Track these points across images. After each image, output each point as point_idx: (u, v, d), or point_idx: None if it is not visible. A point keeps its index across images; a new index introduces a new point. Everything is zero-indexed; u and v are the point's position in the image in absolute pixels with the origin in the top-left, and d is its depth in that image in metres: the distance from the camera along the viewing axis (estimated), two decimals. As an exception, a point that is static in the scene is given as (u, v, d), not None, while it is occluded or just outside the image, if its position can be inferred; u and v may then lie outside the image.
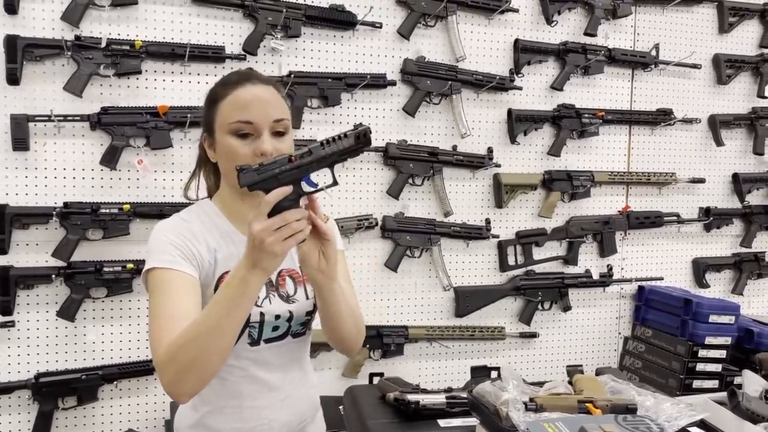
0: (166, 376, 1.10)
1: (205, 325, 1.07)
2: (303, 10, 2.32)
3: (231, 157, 1.21)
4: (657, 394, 1.23)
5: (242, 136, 1.20)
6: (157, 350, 1.12)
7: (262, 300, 1.26)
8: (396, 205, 2.52)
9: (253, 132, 1.20)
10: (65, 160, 2.15)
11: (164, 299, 1.16)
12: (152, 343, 1.14)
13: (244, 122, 1.19)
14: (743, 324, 2.54)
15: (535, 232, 2.72)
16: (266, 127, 1.20)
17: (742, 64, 2.99)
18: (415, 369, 2.60)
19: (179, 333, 1.09)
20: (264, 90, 1.23)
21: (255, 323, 1.25)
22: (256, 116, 1.20)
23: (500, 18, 2.63)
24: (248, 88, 1.22)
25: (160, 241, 1.21)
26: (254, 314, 1.24)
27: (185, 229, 1.24)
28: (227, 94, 1.23)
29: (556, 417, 1.07)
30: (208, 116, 1.27)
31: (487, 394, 1.16)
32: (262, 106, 1.21)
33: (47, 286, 2.14)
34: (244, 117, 1.19)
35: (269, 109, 1.21)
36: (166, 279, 1.17)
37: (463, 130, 2.57)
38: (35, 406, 2.12)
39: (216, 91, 1.26)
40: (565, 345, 2.84)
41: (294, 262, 1.33)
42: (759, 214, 3.05)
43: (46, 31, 2.10)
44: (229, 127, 1.20)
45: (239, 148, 1.20)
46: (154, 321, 1.16)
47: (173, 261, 1.18)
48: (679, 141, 2.96)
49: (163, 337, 1.11)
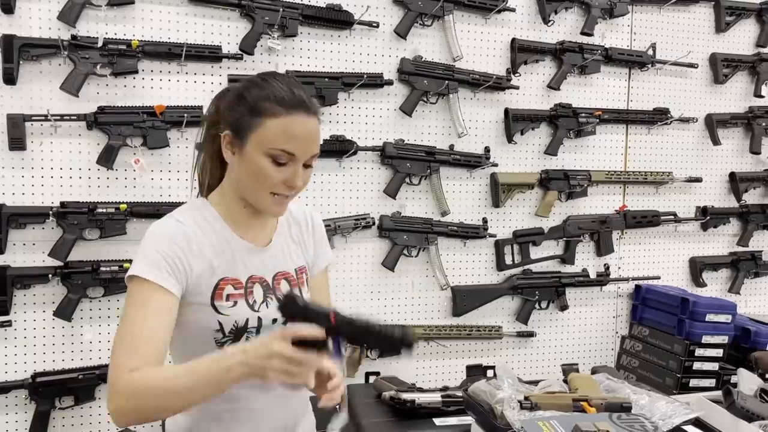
0: (115, 404, 1.08)
1: (175, 386, 1.06)
2: (300, 10, 2.32)
3: (260, 178, 1.19)
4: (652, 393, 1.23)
5: (279, 163, 1.17)
6: (117, 372, 1.10)
7: (259, 305, 1.25)
8: (393, 205, 2.53)
9: (289, 162, 1.18)
10: (62, 160, 2.15)
11: (140, 316, 1.13)
12: (114, 358, 1.12)
13: (288, 153, 1.17)
14: (740, 323, 2.54)
15: (532, 232, 2.72)
16: (302, 159, 1.19)
17: (739, 64, 3.00)
18: (412, 368, 2.60)
19: (148, 376, 1.07)
20: (313, 124, 1.20)
21: (253, 328, 1.24)
22: (300, 151, 1.17)
23: (497, 17, 2.64)
24: (302, 120, 1.18)
25: (152, 249, 1.17)
26: (252, 319, 1.23)
27: (180, 236, 1.19)
28: (279, 114, 1.16)
29: (550, 415, 1.07)
30: (245, 121, 1.19)
31: (482, 392, 1.16)
32: (307, 141, 1.19)
33: (44, 286, 2.14)
34: (289, 148, 1.17)
35: (312, 145, 1.20)
36: (147, 295, 1.14)
37: (460, 130, 2.57)
38: (32, 406, 2.12)
39: (266, 104, 1.17)
40: (562, 344, 2.84)
41: (289, 264, 1.33)
42: (756, 213, 3.05)
43: (43, 31, 2.10)
44: (270, 151, 1.16)
45: (272, 173, 1.18)
46: (123, 337, 1.13)
47: (159, 276, 1.15)
48: (676, 140, 2.96)
49: (126, 360, 1.10)
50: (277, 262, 1.31)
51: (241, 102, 1.20)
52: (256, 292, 1.25)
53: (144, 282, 1.14)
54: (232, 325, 1.22)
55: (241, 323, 1.22)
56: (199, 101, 2.27)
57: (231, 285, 1.23)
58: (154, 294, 1.14)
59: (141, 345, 1.11)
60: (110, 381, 1.10)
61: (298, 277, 1.34)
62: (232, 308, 1.22)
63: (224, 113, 1.24)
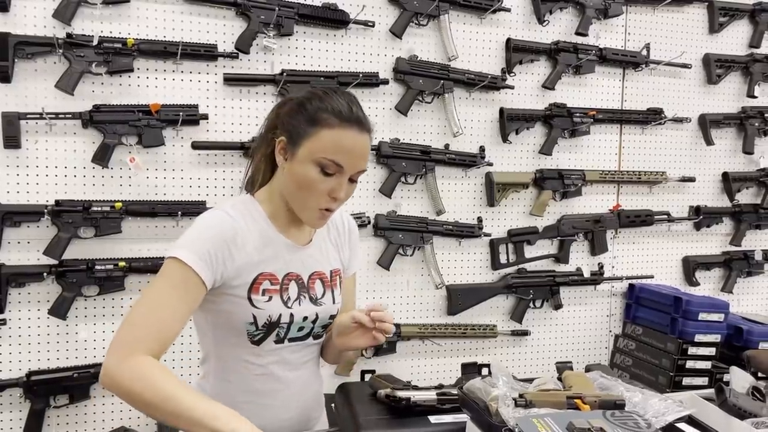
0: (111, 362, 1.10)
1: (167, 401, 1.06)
2: (296, 9, 2.33)
3: (306, 185, 1.24)
4: (645, 390, 1.24)
5: (326, 173, 1.22)
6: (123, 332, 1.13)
7: (293, 301, 1.31)
8: (388, 204, 2.53)
9: (336, 173, 1.23)
10: (57, 158, 2.15)
11: (168, 297, 1.16)
12: (128, 320, 1.14)
13: (336, 164, 1.22)
14: (733, 322, 2.56)
15: (526, 231, 2.73)
16: (349, 173, 1.24)
17: (732, 64, 3.01)
18: (407, 367, 2.61)
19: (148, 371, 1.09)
20: (365, 141, 1.25)
21: (284, 324, 1.30)
22: (348, 164, 1.23)
23: (492, 17, 2.65)
24: (354, 135, 1.23)
25: (200, 236, 1.21)
26: (285, 315, 1.29)
27: (228, 227, 1.23)
28: (334, 126, 1.22)
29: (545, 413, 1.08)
30: (301, 129, 1.24)
31: (477, 390, 1.17)
32: (356, 156, 1.24)
33: (39, 284, 2.14)
34: (338, 159, 1.22)
35: (360, 161, 1.25)
36: (181, 279, 1.17)
37: (455, 129, 2.58)
38: (27, 405, 2.11)
39: (323, 114, 1.23)
40: (556, 343, 2.85)
41: (325, 265, 1.39)
42: (748, 213, 3.07)
43: (38, 29, 2.10)
44: (320, 160, 1.21)
45: (319, 183, 1.23)
46: (146, 306, 1.16)
47: (200, 265, 1.18)
48: (670, 140, 2.98)
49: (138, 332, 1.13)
50: (314, 262, 1.37)
51: (301, 111, 1.26)
52: (291, 289, 1.31)
53: (181, 265, 1.17)
54: (266, 320, 1.27)
55: (274, 318, 1.28)
56: (195, 100, 2.27)
57: (268, 280, 1.28)
58: (188, 279, 1.17)
59: (155, 324, 1.14)
60: (118, 342, 1.12)
61: (332, 278, 1.40)
62: (266, 303, 1.27)
63: (283, 119, 1.30)
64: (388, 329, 1.29)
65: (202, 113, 2.26)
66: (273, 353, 1.31)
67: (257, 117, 2.35)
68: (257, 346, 1.29)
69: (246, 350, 1.29)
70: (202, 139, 2.27)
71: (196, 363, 2.32)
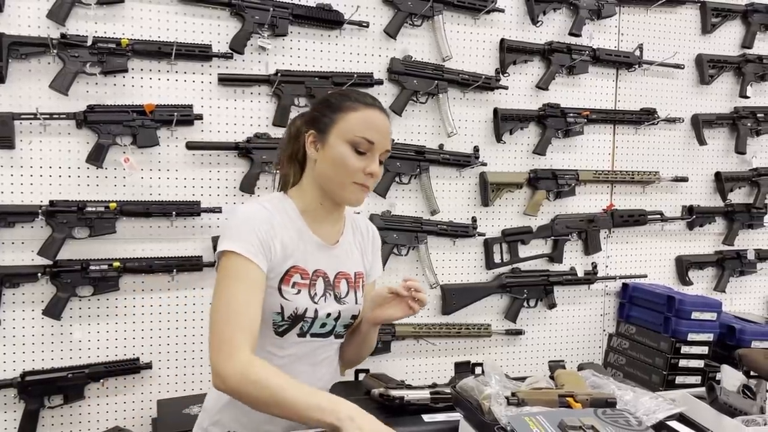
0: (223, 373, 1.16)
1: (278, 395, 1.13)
2: (290, 9, 2.33)
3: (341, 164, 1.31)
4: (636, 389, 1.25)
5: (358, 151, 1.31)
6: (219, 335, 1.19)
7: (319, 297, 1.35)
8: (383, 204, 2.54)
9: (368, 152, 1.32)
10: (51, 159, 2.15)
11: (238, 291, 1.22)
12: (216, 326, 1.20)
13: (368, 140, 1.31)
14: (725, 321, 2.58)
15: (520, 230, 2.74)
16: (379, 152, 1.33)
17: (725, 65, 3.03)
18: (402, 366, 2.61)
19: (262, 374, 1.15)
20: (387, 121, 1.36)
21: (309, 318, 1.34)
22: (379, 141, 1.32)
23: (486, 18, 2.65)
24: (379, 115, 1.34)
25: (245, 226, 1.26)
26: (310, 310, 1.33)
27: (267, 220, 1.29)
28: (359, 108, 1.32)
29: (537, 411, 1.08)
30: (326, 117, 1.33)
31: (469, 389, 1.18)
32: (385, 134, 1.34)
33: (33, 285, 2.14)
34: (369, 136, 1.31)
35: (387, 140, 1.35)
36: (245, 269, 1.23)
37: (449, 129, 2.59)
38: (21, 405, 2.11)
39: (345, 100, 1.34)
40: (550, 342, 2.86)
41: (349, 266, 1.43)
42: (741, 213, 3.08)
43: (32, 29, 2.10)
44: (353, 138, 1.30)
45: (353, 160, 1.31)
46: (225, 306, 1.21)
47: (253, 252, 1.24)
48: (663, 140, 2.99)
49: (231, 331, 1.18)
50: (340, 262, 1.41)
51: (326, 104, 1.36)
52: (318, 285, 1.35)
53: (237, 257, 1.23)
54: (292, 311, 1.31)
55: (300, 311, 1.32)
56: (189, 100, 2.27)
57: (299, 274, 1.33)
58: (250, 271, 1.24)
59: (242, 318, 1.20)
60: (221, 346, 1.18)
61: (356, 279, 1.44)
62: (295, 295, 1.32)
63: (308, 117, 1.39)
64: (423, 299, 1.37)
65: (197, 113, 2.26)
66: (295, 346, 1.35)
67: (252, 117, 2.35)
68: (281, 337, 1.33)
69: (269, 340, 1.33)
70: (196, 139, 2.28)
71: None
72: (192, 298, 2.32)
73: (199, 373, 2.34)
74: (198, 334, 2.34)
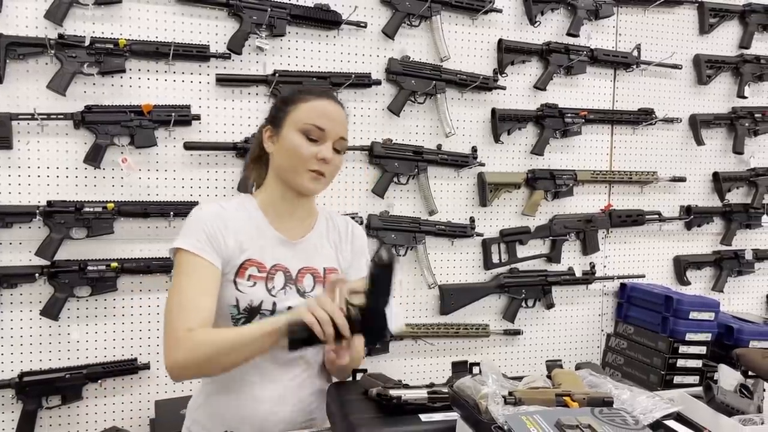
0: (170, 357, 1.24)
1: (225, 341, 1.22)
2: (288, 9, 2.33)
3: (294, 152, 1.34)
4: (633, 388, 1.25)
5: (311, 139, 1.34)
6: (170, 328, 1.25)
7: (277, 290, 1.35)
8: (381, 204, 2.54)
9: (320, 139, 1.34)
10: (49, 159, 2.14)
11: (187, 284, 1.28)
12: (167, 323, 1.27)
13: (318, 127, 1.34)
14: (723, 320, 2.57)
15: (518, 231, 2.75)
16: (332, 139, 1.35)
17: (722, 65, 3.03)
18: (400, 366, 2.61)
19: (206, 332, 1.23)
20: (339, 109, 1.39)
21: (266, 311, 1.34)
22: (330, 127, 1.35)
23: (484, 18, 2.66)
24: (331, 103, 1.38)
25: (195, 225, 1.32)
26: (267, 302, 1.34)
27: (219, 216, 1.34)
28: (309, 99, 1.37)
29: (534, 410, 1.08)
30: (279, 111, 1.39)
31: (467, 388, 1.17)
32: (336, 121, 1.36)
33: (31, 285, 2.14)
34: (319, 123, 1.34)
35: (339, 127, 1.37)
36: (193, 264, 1.29)
37: (447, 130, 2.59)
38: (19, 406, 2.11)
39: (296, 93, 1.40)
40: (548, 342, 2.86)
41: (317, 261, 1.42)
42: (739, 213, 3.09)
43: (30, 30, 2.10)
44: (303, 126, 1.34)
45: (305, 148, 1.33)
46: (175, 302, 1.27)
47: (202, 249, 1.29)
48: (661, 140, 3.00)
49: (178, 322, 1.24)
50: (305, 257, 1.41)
51: (280, 100, 1.42)
52: (277, 279, 1.36)
53: (185, 253, 1.29)
54: (247, 304, 1.33)
55: (255, 303, 1.33)
56: (187, 100, 2.27)
57: (255, 267, 1.35)
58: (200, 265, 1.29)
59: (190, 309, 1.25)
60: (168, 340, 1.26)
61: (325, 275, 1.42)
62: (250, 288, 1.34)
63: (267, 116, 1.44)
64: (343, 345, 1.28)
65: (195, 114, 2.26)
66: None
67: (249, 117, 2.35)
68: None
69: None
70: (194, 139, 2.28)
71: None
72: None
73: (197, 373, 2.34)
74: (196, 334, 2.33)
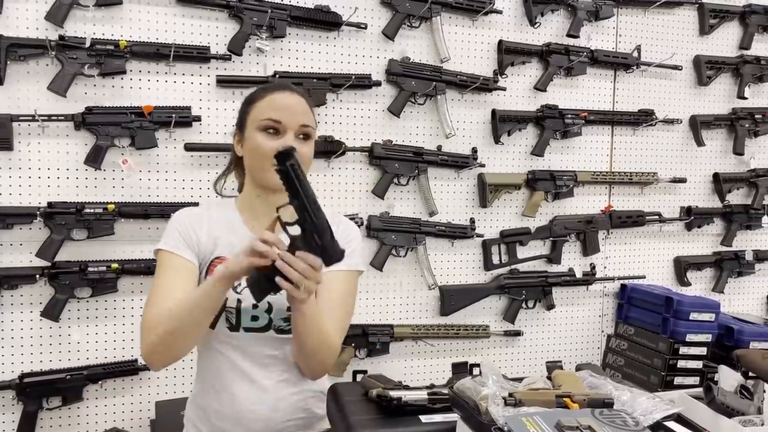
0: (143, 343, 1.30)
1: (182, 307, 1.25)
2: (288, 11, 2.33)
3: (256, 149, 1.36)
4: (633, 389, 1.25)
5: (270, 134, 1.36)
6: (143, 319, 1.30)
7: (242, 288, 1.33)
8: (381, 205, 2.54)
9: (280, 132, 1.36)
10: (49, 160, 2.15)
11: (163, 279, 1.34)
12: (144, 315, 1.32)
13: (274, 120, 1.35)
14: (724, 321, 2.57)
15: (519, 232, 2.74)
16: (292, 129, 1.36)
17: (723, 66, 3.03)
18: (400, 367, 2.61)
19: (164, 308, 1.27)
20: (296, 99, 1.39)
21: (231, 308, 1.35)
22: (286, 118, 1.35)
23: (484, 19, 2.66)
24: (283, 95, 1.39)
25: (171, 226, 1.40)
26: (231, 300, 1.35)
27: (194, 216, 1.42)
28: (264, 96, 1.39)
29: (534, 411, 1.08)
30: (242, 114, 1.42)
31: (467, 389, 1.17)
32: (292, 110, 1.37)
33: (31, 286, 2.14)
34: (275, 116, 1.35)
35: (298, 115, 1.37)
36: (168, 262, 1.36)
37: (447, 131, 2.59)
38: (19, 407, 2.11)
39: (254, 93, 1.43)
40: (549, 343, 2.86)
41: None
42: (739, 214, 3.08)
43: (30, 31, 2.10)
44: (260, 123, 1.36)
45: (265, 143, 1.35)
46: (150, 295, 1.33)
47: (177, 246, 1.36)
48: (661, 141, 3.00)
49: (150, 311, 1.30)
50: None
51: (243, 103, 1.44)
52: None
53: (166, 253, 1.37)
54: None
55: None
56: (187, 102, 2.27)
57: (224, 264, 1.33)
58: (175, 262, 1.35)
59: (163, 300, 1.30)
60: (141, 330, 1.31)
61: None
62: None
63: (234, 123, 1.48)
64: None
65: (195, 115, 2.26)
66: (228, 339, 1.37)
67: (250, 119, 2.35)
68: (212, 329, 1.37)
69: (208, 333, 1.38)
70: (194, 140, 2.28)
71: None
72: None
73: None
74: (196, 335, 2.33)
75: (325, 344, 1.35)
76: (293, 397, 1.41)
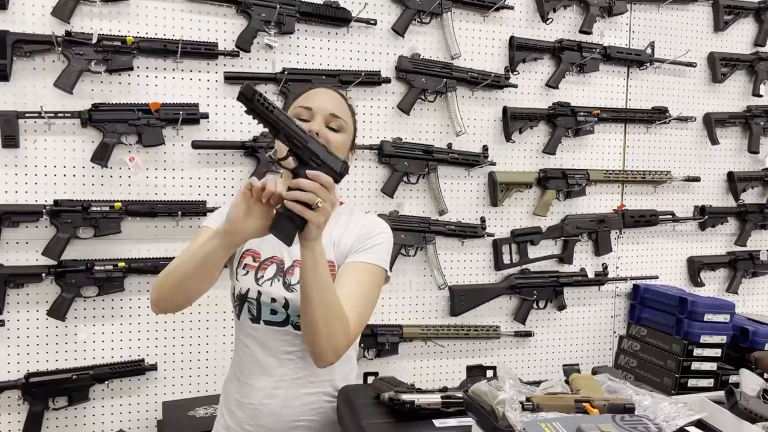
0: (152, 298, 1.35)
1: (180, 258, 1.31)
2: (297, 7, 2.31)
3: None
4: (654, 394, 1.21)
5: (302, 119, 1.37)
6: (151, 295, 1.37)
7: (264, 280, 1.39)
8: (391, 204, 2.51)
9: (310, 118, 1.38)
10: (56, 158, 2.13)
11: (191, 245, 1.37)
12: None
13: (305, 107, 1.39)
14: (738, 323, 2.54)
15: (530, 231, 2.71)
16: (321, 115, 1.39)
17: (737, 63, 2.99)
18: (410, 368, 2.59)
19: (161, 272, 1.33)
20: (330, 92, 1.46)
21: (253, 299, 1.39)
22: (315, 104, 1.40)
23: (495, 15, 2.62)
24: (320, 89, 1.46)
25: (221, 210, 1.48)
26: (252, 291, 1.39)
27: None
28: (305, 92, 1.46)
29: (553, 417, 1.05)
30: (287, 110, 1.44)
31: (483, 393, 1.14)
32: (322, 100, 1.42)
33: (37, 285, 2.12)
34: (305, 103, 1.40)
35: (328, 104, 1.41)
36: (203, 232, 1.39)
37: (458, 128, 2.56)
38: (25, 407, 2.10)
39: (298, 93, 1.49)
40: (560, 344, 2.83)
41: None
42: (754, 213, 3.05)
43: (36, 27, 2.08)
44: (293, 112, 1.40)
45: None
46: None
47: (216, 223, 1.36)
48: (674, 139, 2.96)
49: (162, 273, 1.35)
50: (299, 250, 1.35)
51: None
52: (269, 270, 1.40)
53: (203, 228, 1.43)
54: (238, 291, 1.41)
55: (243, 291, 1.40)
56: (195, 98, 2.25)
57: (251, 256, 1.42)
58: (206, 231, 1.38)
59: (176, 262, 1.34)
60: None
61: None
62: (243, 276, 1.41)
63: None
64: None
65: (203, 112, 2.24)
66: (251, 330, 1.40)
67: (258, 116, 2.32)
68: (238, 319, 1.43)
69: (235, 323, 1.45)
70: (202, 138, 2.26)
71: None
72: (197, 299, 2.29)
73: (204, 374, 2.32)
74: (204, 335, 2.31)
75: (339, 318, 1.25)
76: (307, 397, 1.40)
